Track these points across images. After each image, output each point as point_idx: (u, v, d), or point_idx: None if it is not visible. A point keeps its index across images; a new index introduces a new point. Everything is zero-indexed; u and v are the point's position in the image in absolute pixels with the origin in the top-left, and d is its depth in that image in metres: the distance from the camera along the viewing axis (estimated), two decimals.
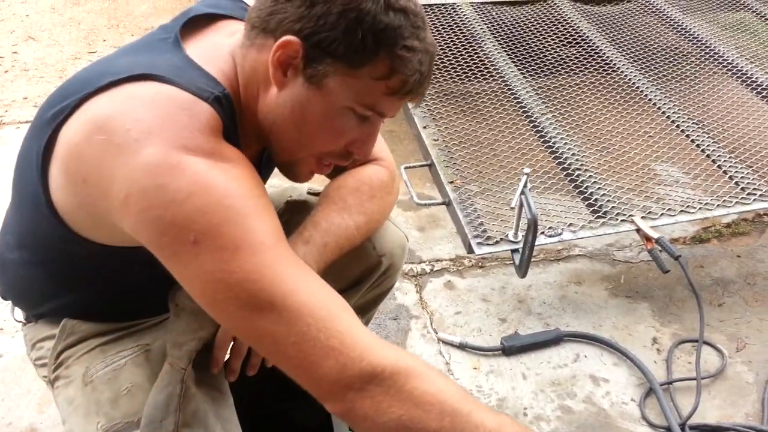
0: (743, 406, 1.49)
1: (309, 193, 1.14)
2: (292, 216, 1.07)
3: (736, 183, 1.74)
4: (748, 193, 1.67)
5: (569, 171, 1.79)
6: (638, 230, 1.59)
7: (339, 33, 0.75)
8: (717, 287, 1.84)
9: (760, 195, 1.66)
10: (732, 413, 1.47)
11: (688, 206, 1.63)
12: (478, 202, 1.75)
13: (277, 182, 1.07)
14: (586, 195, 1.69)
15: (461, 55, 2.29)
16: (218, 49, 0.84)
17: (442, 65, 2.27)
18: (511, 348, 1.61)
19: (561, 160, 1.83)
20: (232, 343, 0.92)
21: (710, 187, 1.76)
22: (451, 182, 1.77)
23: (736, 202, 1.65)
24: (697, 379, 1.49)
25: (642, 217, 1.59)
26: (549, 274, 1.90)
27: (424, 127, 1.92)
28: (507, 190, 1.76)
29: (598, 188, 1.71)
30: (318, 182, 1.09)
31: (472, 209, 1.74)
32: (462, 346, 1.63)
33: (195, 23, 0.88)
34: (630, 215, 1.60)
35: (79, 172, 0.75)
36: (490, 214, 1.72)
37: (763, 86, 2.11)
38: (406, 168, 1.80)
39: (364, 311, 1.25)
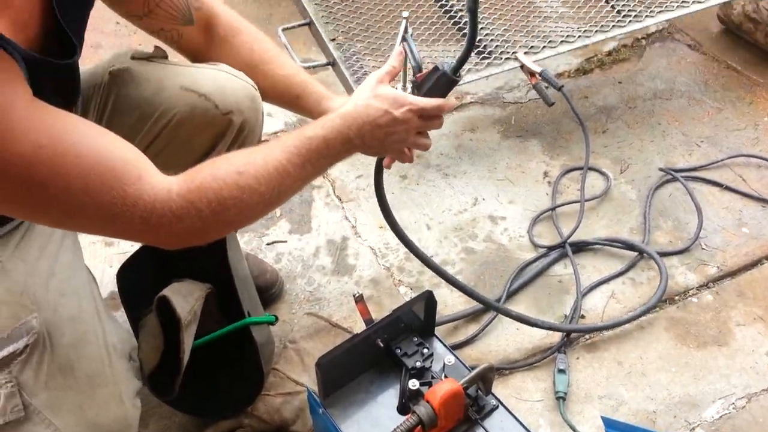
0: (627, 222, 1.61)
1: (133, 57, 1.01)
2: (120, 90, 0.97)
3: (612, 6, 1.75)
4: (624, 16, 1.69)
5: (451, 13, 1.73)
6: (522, 66, 1.58)
7: None
8: (601, 115, 1.91)
9: (635, 16, 1.69)
10: (618, 229, 1.59)
11: (568, 36, 1.64)
12: (363, 59, 1.67)
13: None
14: None
15: None
16: None
17: None
18: None
19: (442, 2, 1.76)
20: None
21: (589, 14, 1.75)
22: (333, 40, 1.67)
23: (613, 26, 1.67)
24: (581, 201, 1.59)
25: (525, 53, 1.58)
26: (444, 125, 1.88)
27: None
28: (392, 42, 1.68)
29: (481, 29, 1.67)
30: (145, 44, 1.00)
31: (358, 66, 1.67)
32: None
33: None
34: (513, 52, 1.58)
35: None
36: (377, 69, 1.65)
37: None
38: (284, 30, 1.67)
39: None
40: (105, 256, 1.50)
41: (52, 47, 0.73)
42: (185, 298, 1.00)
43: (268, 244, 1.55)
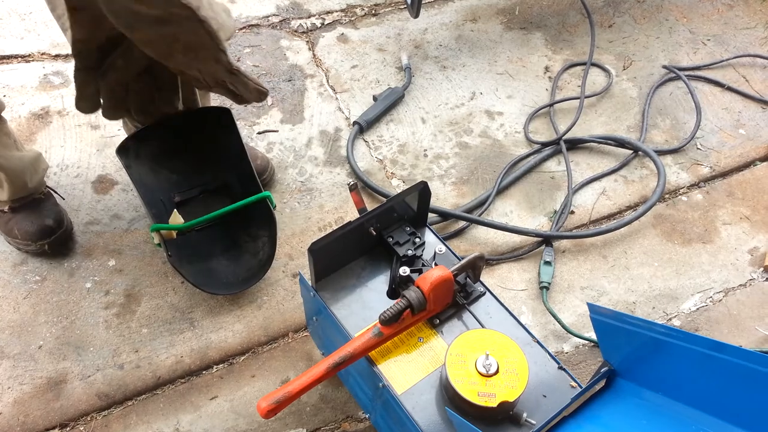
0: (626, 119, 1.58)
1: None
2: None
3: None
4: None
5: None
6: None
7: None
8: (608, 8, 1.83)
9: None
10: (616, 127, 1.57)
11: None
12: None
13: None
14: None
15: None
16: None
17: None
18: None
19: None
20: None
21: None
22: None
23: None
24: (581, 98, 1.55)
25: None
26: (444, 14, 1.81)
27: None
28: None
29: None
30: None
31: None
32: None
33: None
34: None
35: None
36: None
37: None
38: None
39: None
40: (92, 139, 1.48)
41: None
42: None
43: (259, 133, 1.53)
